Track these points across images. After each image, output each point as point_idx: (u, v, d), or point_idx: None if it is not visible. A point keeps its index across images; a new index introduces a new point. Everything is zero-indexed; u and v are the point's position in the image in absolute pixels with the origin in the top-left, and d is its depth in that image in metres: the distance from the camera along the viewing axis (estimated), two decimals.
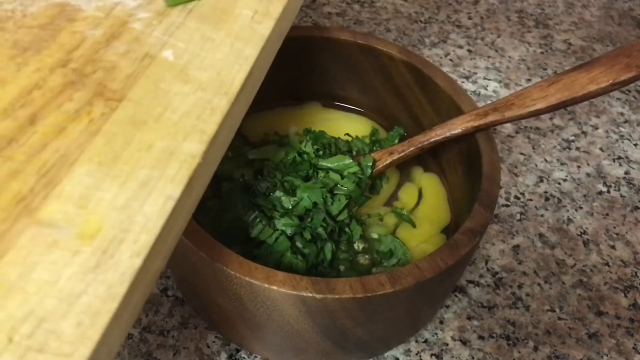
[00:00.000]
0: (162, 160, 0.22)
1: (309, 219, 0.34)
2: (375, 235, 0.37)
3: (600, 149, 0.51)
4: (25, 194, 0.20)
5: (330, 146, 0.39)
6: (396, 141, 0.41)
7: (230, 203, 0.35)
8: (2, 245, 0.19)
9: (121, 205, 0.20)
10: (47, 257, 0.19)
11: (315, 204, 0.34)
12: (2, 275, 0.18)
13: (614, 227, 0.44)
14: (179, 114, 0.24)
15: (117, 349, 0.19)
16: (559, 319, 0.38)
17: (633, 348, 0.37)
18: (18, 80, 0.23)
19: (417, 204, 0.39)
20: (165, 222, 0.20)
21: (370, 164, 0.37)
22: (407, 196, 0.40)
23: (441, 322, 0.37)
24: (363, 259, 0.35)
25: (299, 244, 0.33)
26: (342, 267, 0.34)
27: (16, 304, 0.18)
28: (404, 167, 0.41)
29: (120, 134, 0.22)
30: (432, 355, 0.36)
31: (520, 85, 0.56)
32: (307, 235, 0.33)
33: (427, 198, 0.40)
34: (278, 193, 0.34)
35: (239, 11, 0.29)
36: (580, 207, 0.45)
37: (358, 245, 0.36)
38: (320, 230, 0.34)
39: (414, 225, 0.38)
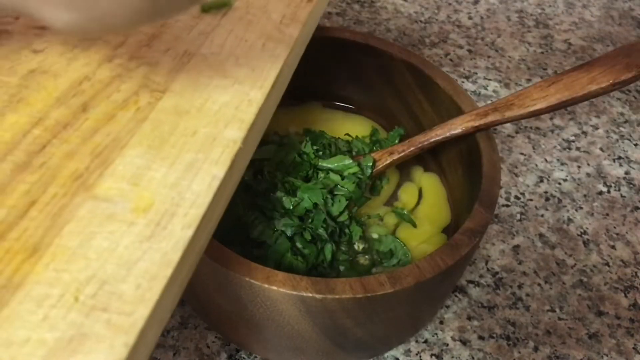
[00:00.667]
0: (206, 145, 0.24)
1: (310, 220, 0.34)
2: (375, 236, 0.37)
3: (601, 149, 0.51)
4: (82, 172, 0.22)
5: (330, 146, 0.39)
6: (396, 141, 0.41)
7: (230, 203, 0.35)
8: (62, 217, 0.20)
9: (171, 183, 0.22)
10: (105, 228, 0.20)
11: (315, 205, 0.34)
12: (64, 243, 0.20)
13: (614, 227, 0.44)
14: (219, 104, 0.26)
15: (172, 310, 0.21)
16: (559, 319, 0.38)
17: (633, 348, 0.37)
18: (69, 73, 0.26)
19: (417, 203, 0.40)
20: (212, 198, 0.22)
21: (370, 164, 0.37)
22: (407, 196, 0.40)
23: (441, 322, 0.37)
24: (363, 259, 0.35)
25: (299, 245, 0.33)
26: (342, 268, 0.34)
27: (79, 268, 0.19)
28: (404, 167, 0.41)
29: (166, 121, 0.24)
30: (432, 355, 0.36)
31: (520, 85, 0.56)
32: (308, 236, 0.33)
33: (427, 198, 0.40)
34: (279, 193, 0.34)
35: (268, 15, 0.31)
36: (581, 207, 0.45)
37: (358, 246, 0.36)
38: (320, 231, 0.34)
39: (414, 225, 0.38)
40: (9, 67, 0.26)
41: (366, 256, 0.35)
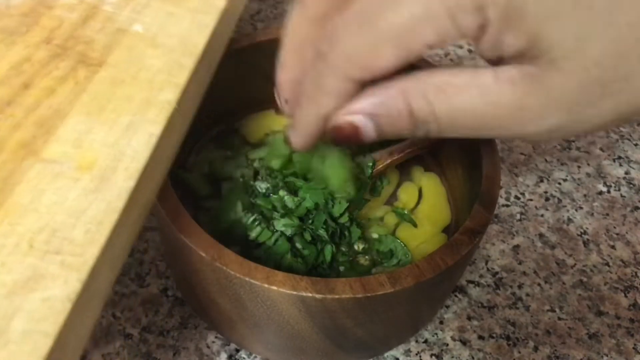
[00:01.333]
0: (142, 108, 0.26)
1: (310, 221, 0.34)
2: (375, 235, 0.37)
3: (601, 149, 0.51)
4: (28, 141, 0.24)
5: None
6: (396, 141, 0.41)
7: (230, 203, 0.35)
8: (13, 179, 0.23)
9: (111, 143, 0.25)
10: (53, 185, 0.23)
11: (316, 205, 0.34)
12: (16, 201, 0.22)
13: (614, 227, 0.44)
14: (153, 72, 0.28)
15: (124, 256, 0.24)
16: (559, 319, 0.38)
17: (633, 348, 0.37)
18: (9, 57, 0.27)
19: (417, 203, 0.39)
20: (150, 153, 0.25)
21: (370, 164, 0.37)
22: (407, 196, 0.40)
23: (441, 322, 0.37)
24: (363, 260, 0.35)
25: (298, 245, 0.33)
26: (342, 268, 0.34)
27: (31, 220, 0.21)
28: (404, 167, 0.41)
29: (104, 91, 0.27)
30: (432, 355, 0.36)
31: None
32: (308, 237, 0.33)
33: (427, 198, 0.40)
34: (281, 192, 0.34)
35: None
36: (581, 207, 0.45)
37: (358, 246, 0.36)
38: (321, 231, 0.34)
39: (415, 225, 0.38)
40: None
41: (366, 256, 0.35)
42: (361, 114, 0.22)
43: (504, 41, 0.19)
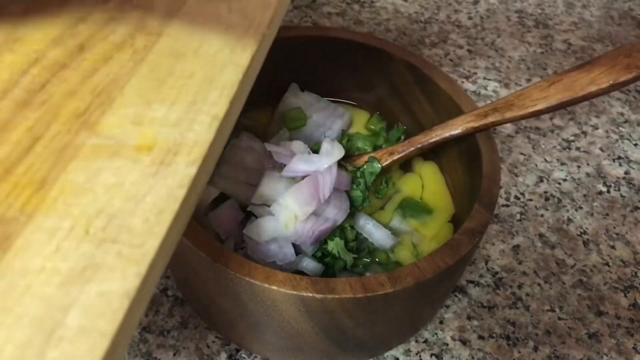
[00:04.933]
0: (204, 87, 0.24)
1: None
2: (382, 231, 0.36)
3: (600, 149, 0.51)
4: (83, 110, 0.22)
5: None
6: (396, 141, 0.41)
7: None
8: (67, 154, 0.21)
9: (172, 123, 0.23)
10: (110, 164, 0.21)
11: None
12: (71, 178, 0.20)
13: (614, 227, 0.44)
14: (215, 48, 0.26)
15: (177, 243, 0.22)
16: (559, 319, 0.38)
17: (633, 348, 0.37)
18: (63, 15, 0.26)
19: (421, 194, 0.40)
20: (213, 138, 0.23)
21: (372, 170, 0.37)
22: (411, 186, 0.40)
23: (441, 322, 0.37)
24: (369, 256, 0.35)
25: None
26: (348, 260, 0.34)
27: (87, 202, 0.20)
28: (404, 167, 0.41)
29: (163, 64, 0.25)
30: (432, 355, 0.36)
31: (520, 85, 0.56)
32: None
33: (428, 186, 0.40)
34: None
35: None
36: (580, 207, 0.45)
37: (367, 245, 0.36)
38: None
39: (430, 212, 0.37)
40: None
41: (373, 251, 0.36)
42: None
43: None
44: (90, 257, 0.18)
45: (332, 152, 0.34)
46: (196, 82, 0.25)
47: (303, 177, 0.33)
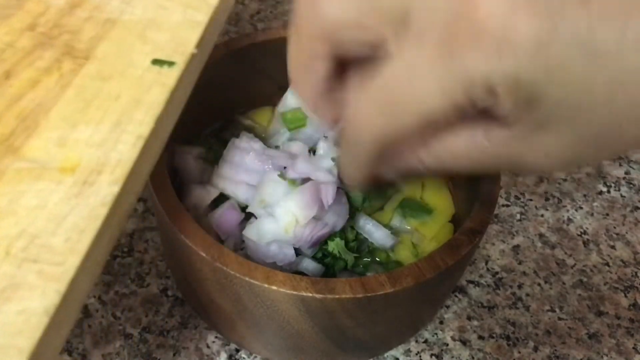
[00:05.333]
0: (129, 107, 0.25)
1: None
2: (382, 230, 0.36)
3: None
4: (8, 136, 0.23)
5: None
6: None
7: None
8: None
9: (97, 143, 0.23)
10: (33, 187, 0.21)
11: None
12: None
13: (614, 227, 0.44)
14: (142, 70, 0.27)
15: (102, 263, 0.22)
16: (559, 319, 0.38)
17: (633, 348, 0.37)
18: None
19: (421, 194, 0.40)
20: (137, 157, 0.23)
21: None
22: (411, 186, 0.39)
23: (441, 322, 0.37)
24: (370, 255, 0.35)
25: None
26: (349, 260, 0.34)
27: (9, 224, 0.20)
28: None
29: (90, 86, 0.26)
30: (432, 355, 0.36)
31: None
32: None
33: (428, 186, 0.40)
34: None
35: None
36: (580, 207, 0.45)
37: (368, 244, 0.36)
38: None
39: (430, 212, 0.37)
40: None
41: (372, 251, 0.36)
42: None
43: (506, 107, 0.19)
44: (10, 277, 0.19)
45: (329, 152, 0.34)
46: (122, 103, 0.25)
47: (303, 180, 0.33)
